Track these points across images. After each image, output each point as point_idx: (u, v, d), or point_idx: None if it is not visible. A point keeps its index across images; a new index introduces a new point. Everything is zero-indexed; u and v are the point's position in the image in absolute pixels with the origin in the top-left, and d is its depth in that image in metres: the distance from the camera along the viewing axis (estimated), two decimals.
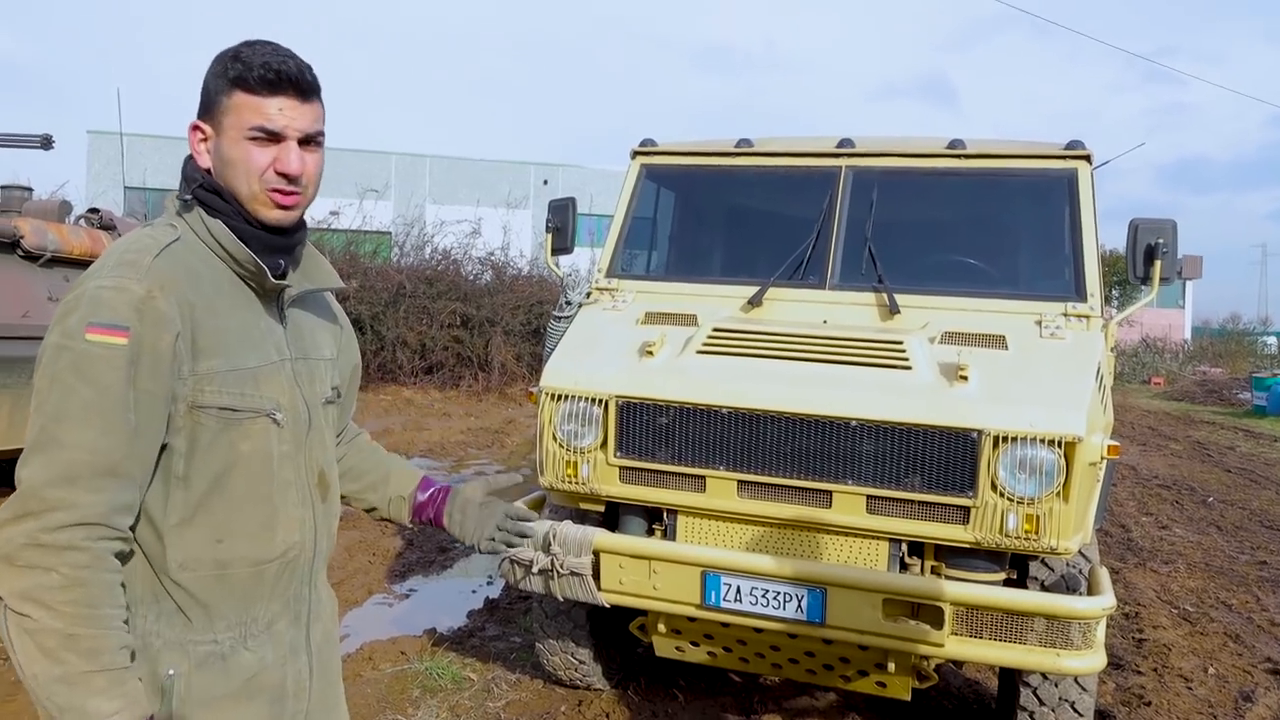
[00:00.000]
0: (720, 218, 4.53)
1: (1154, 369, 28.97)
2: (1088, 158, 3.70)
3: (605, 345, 3.59)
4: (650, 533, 3.52)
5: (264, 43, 1.42)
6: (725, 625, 3.32)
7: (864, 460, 3.10)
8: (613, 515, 3.61)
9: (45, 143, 7.01)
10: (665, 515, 3.46)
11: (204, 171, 1.43)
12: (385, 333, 14.07)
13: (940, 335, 3.36)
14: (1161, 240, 3.52)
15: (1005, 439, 2.95)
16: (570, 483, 3.43)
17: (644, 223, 4.36)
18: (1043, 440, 2.93)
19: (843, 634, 3.06)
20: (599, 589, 3.29)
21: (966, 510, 3.02)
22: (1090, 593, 3.14)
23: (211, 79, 1.41)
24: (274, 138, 1.40)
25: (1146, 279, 3.54)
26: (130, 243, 1.37)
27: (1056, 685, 3.30)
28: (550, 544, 3.29)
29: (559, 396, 3.42)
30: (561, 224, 4.21)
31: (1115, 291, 27.35)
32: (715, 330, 3.42)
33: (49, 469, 1.23)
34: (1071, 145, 3.72)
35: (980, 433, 2.97)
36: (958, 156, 3.79)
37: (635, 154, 4.27)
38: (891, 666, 3.23)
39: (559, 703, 3.97)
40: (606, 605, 3.32)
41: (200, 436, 1.35)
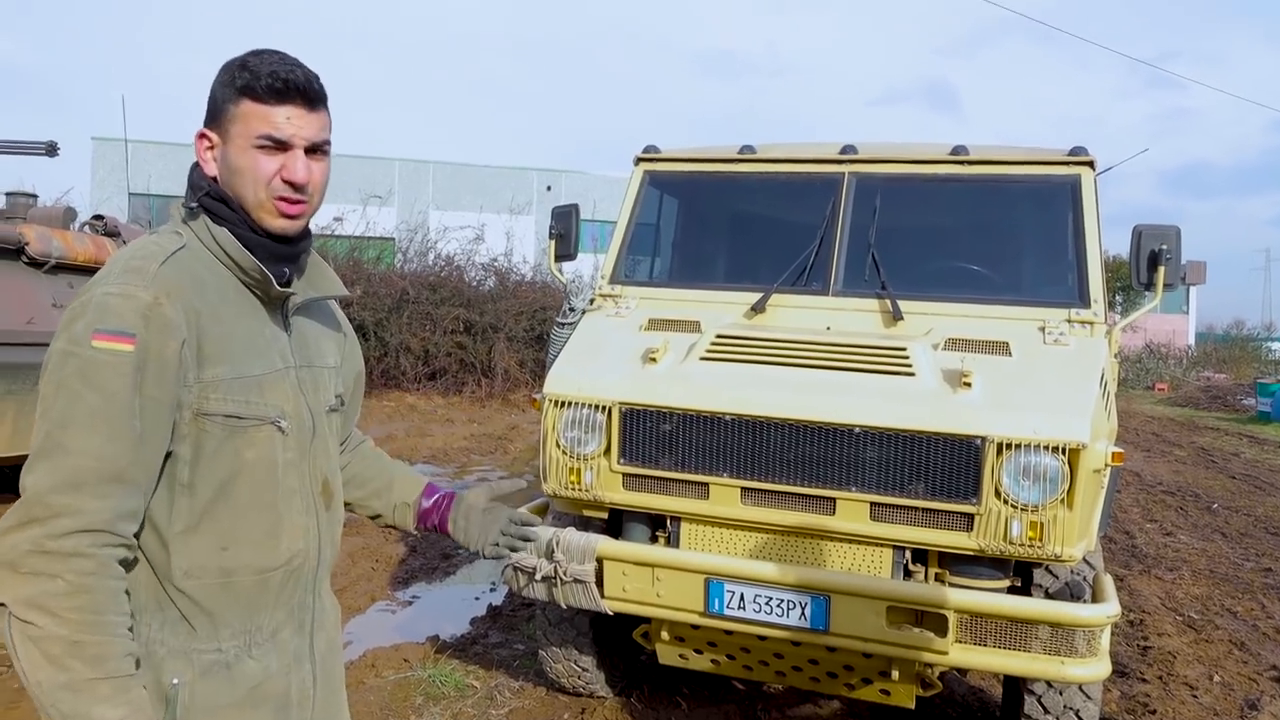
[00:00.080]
0: (723, 224, 4.53)
1: (1158, 375, 28.93)
2: (1091, 164, 3.70)
3: (609, 352, 3.59)
4: (654, 540, 3.52)
5: (271, 52, 1.42)
6: (729, 633, 3.31)
7: (867, 467, 3.09)
8: (616, 522, 3.60)
9: (50, 150, 7.02)
10: (669, 522, 3.46)
11: (210, 180, 1.44)
12: (389, 339, 14.09)
13: (944, 342, 3.36)
14: (1165, 246, 3.52)
15: (1009, 446, 2.94)
16: (573, 489, 3.43)
17: (647, 229, 4.37)
18: (1047, 447, 2.92)
19: (847, 641, 3.05)
20: (602, 596, 3.28)
21: (970, 517, 3.01)
22: (1095, 600, 3.13)
23: (219, 88, 1.41)
24: (281, 146, 1.40)
25: (1150, 285, 3.54)
26: (136, 250, 1.38)
27: (1061, 693, 3.29)
28: (553, 551, 3.29)
29: (562, 403, 3.42)
30: (565, 231, 4.21)
31: (1119, 297, 27.34)
32: (719, 337, 3.42)
33: (54, 475, 1.23)
34: (1075, 151, 3.72)
35: (984, 439, 2.96)
36: (961, 163, 3.79)
37: (639, 160, 4.27)
38: (895, 674, 3.22)
39: (562, 710, 3.96)
40: (610, 612, 3.32)
41: (205, 444, 1.35)
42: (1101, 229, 3.63)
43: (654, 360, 3.42)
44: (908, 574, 3.22)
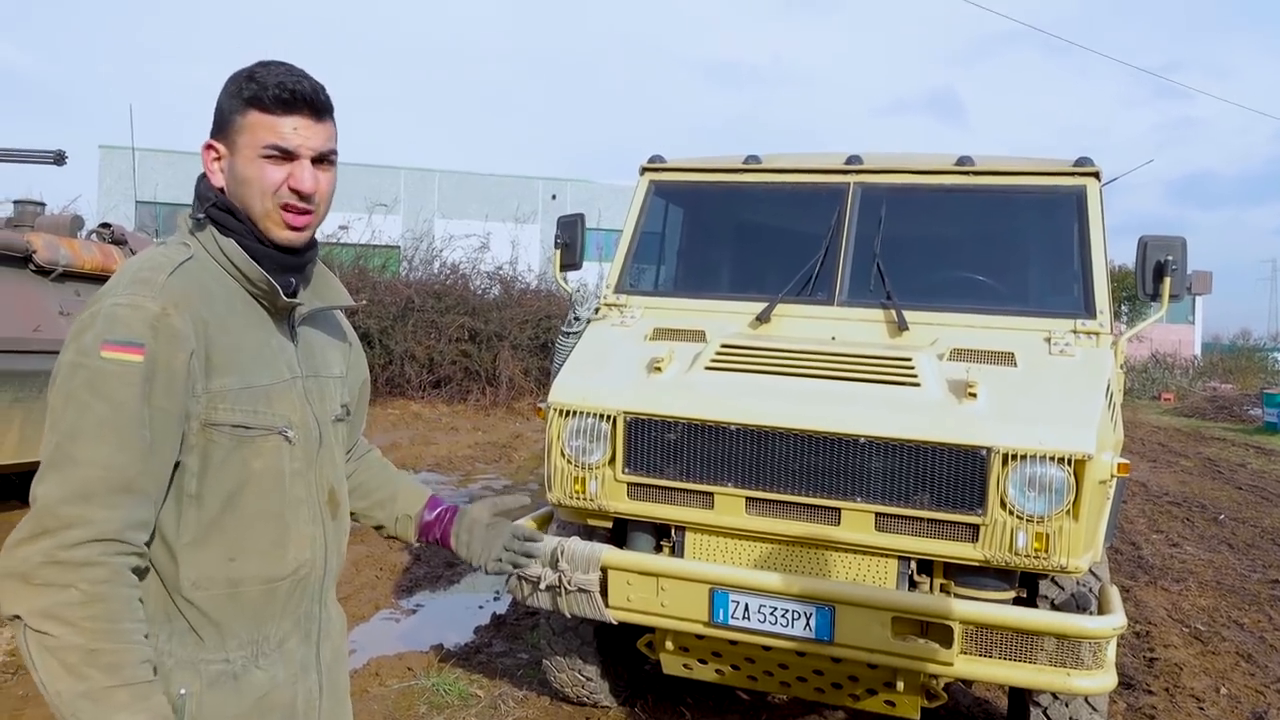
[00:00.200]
0: (728, 234, 4.54)
1: (1164, 385, 28.84)
2: (1096, 174, 3.70)
3: (613, 361, 3.59)
4: (658, 549, 3.52)
5: (278, 63, 1.43)
6: (733, 643, 3.31)
7: (873, 477, 3.09)
8: (620, 532, 3.60)
9: (58, 158, 7.07)
10: (673, 532, 3.45)
11: (218, 190, 1.44)
12: (393, 347, 14.10)
13: (949, 352, 3.36)
14: (1171, 257, 3.52)
15: (1014, 456, 2.94)
16: (578, 499, 3.43)
17: (652, 238, 4.37)
18: (1052, 458, 2.92)
19: (851, 652, 3.05)
20: (606, 606, 3.28)
21: (976, 528, 3.00)
22: (1101, 611, 3.12)
23: (225, 99, 1.42)
24: (288, 156, 1.41)
25: (1156, 296, 3.54)
26: (144, 261, 1.38)
27: (1067, 705, 3.28)
28: (558, 560, 3.29)
29: (567, 412, 3.43)
30: (570, 240, 4.22)
31: (1124, 307, 27.28)
32: (723, 346, 3.42)
33: (64, 486, 1.24)
34: (1080, 162, 3.72)
35: (989, 450, 2.96)
36: (966, 173, 3.79)
37: (644, 170, 4.28)
38: (900, 685, 3.21)
39: None
40: (614, 622, 3.32)
41: (213, 454, 1.36)
42: (1107, 239, 3.63)
43: (659, 370, 3.42)
44: (913, 585, 3.21)
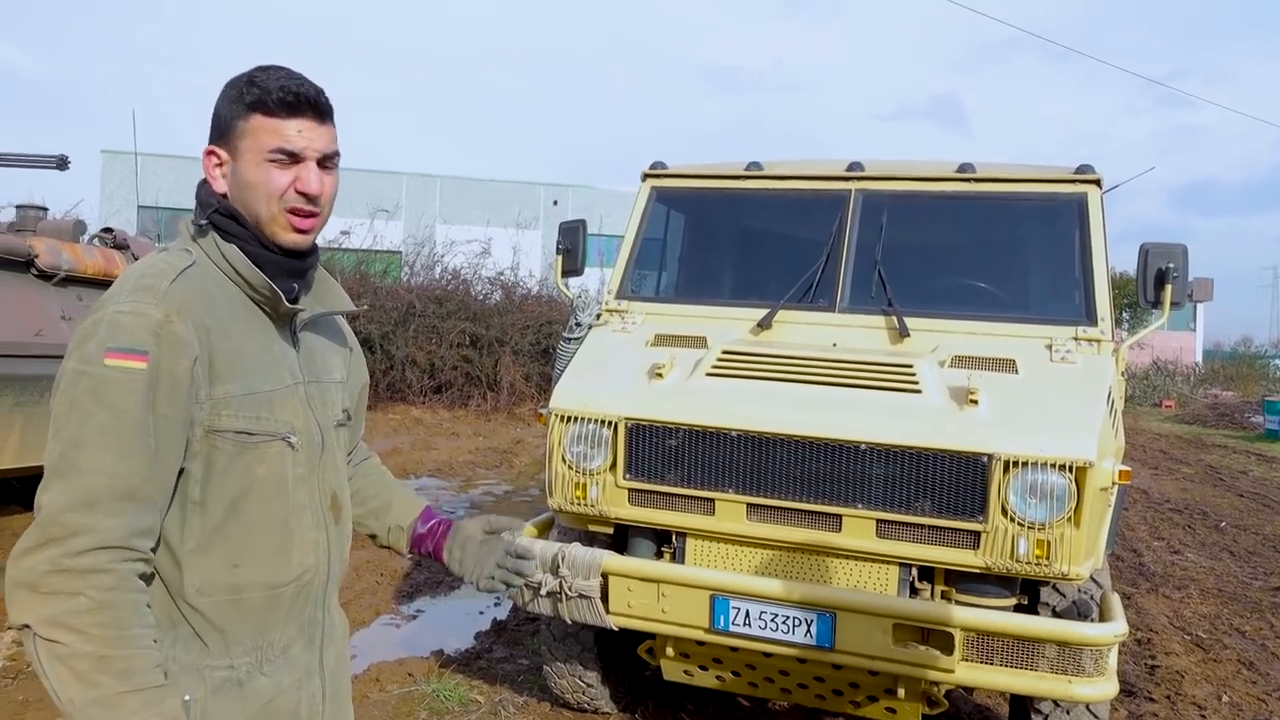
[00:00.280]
0: (730, 240, 4.54)
1: (1165, 392, 28.82)
2: (1098, 182, 3.70)
3: (615, 367, 3.59)
4: (659, 555, 3.51)
5: (277, 68, 1.44)
6: (734, 649, 3.30)
7: (874, 484, 3.09)
8: (621, 538, 3.60)
9: (61, 163, 7.09)
10: (674, 538, 3.45)
11: (220, 196, 1.44)
12: (395, 352, 14.11)
13: (950, 359, 3.36)
14: (1172, 264, 3.52)
15: (1016, 463, 2.94)
16: (579, 504, 3.43)
17: (654, 244, 4.38)
18: (1054, 465, 2.92)
19: (852, 659, 3.04)
20: (607, 611, 3.27)
21: (977, 535, 3.00)
22: (1102, 619, 3.12)
23: (226, 104, 1.42)
24: (294, 159, 1.41)
25: (1157, 303, 3.54)
26: (146, 268, 1.38)
27: (1068, 712, 3.27)
28: (559, 566, 3.29)
29: (568, 418, 3.43)
30: (572, 246, 4.23)
31: (1126, 314, 27.27)
32: (725, 353, 3.42)
33: (68, 494, 1.24)
34: (1081, 169, 3.73)
35: (991, 457, 2.96)
36: (968, 180, 3.80)
37: (646, 176, 4.29)
38: (901, 692, 3.20)
39: None
40: (615, 628, 3.31)
41: (216, 461, 1.36)
42: (1108, 246, 3.63)
43: (660, 376, 3.42)
44: (914, 591, 3.21)
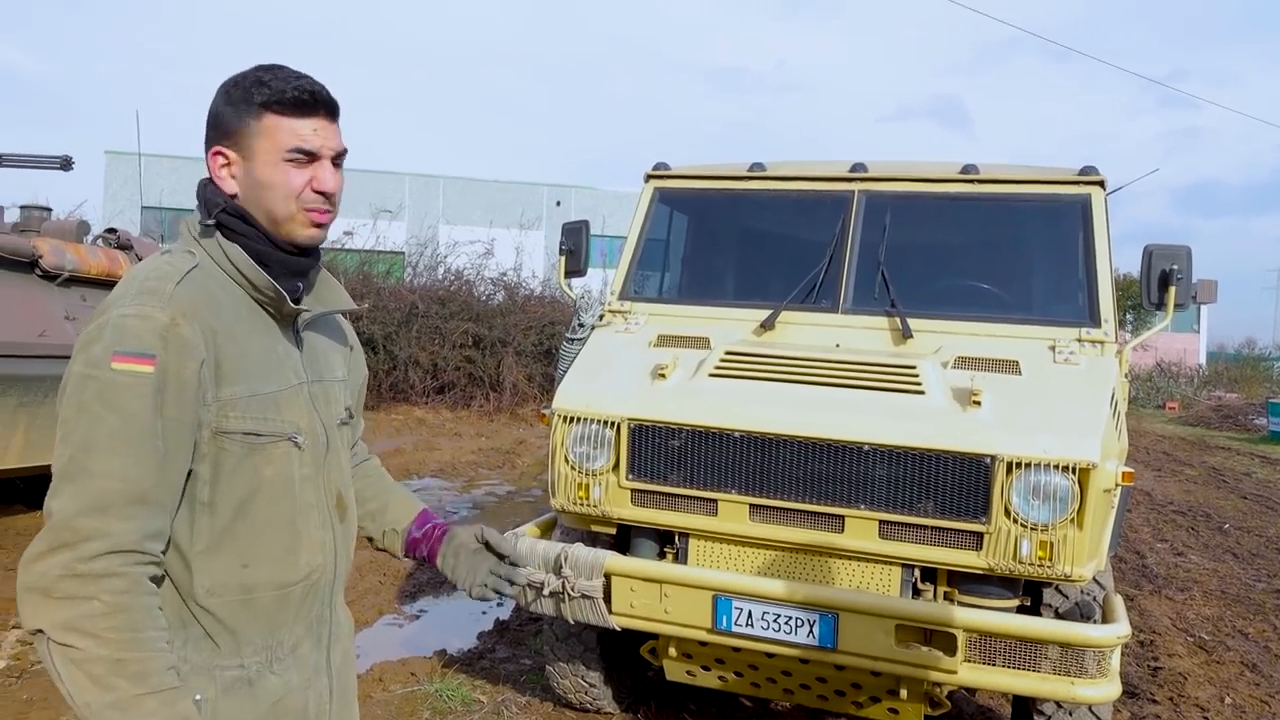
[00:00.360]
0: (733, 241, 4.54)
1: (1168, 394, 28.77)
2: (1101, 183, 3.70)
3: (618, 368, 3.60)
4: (662, 556, 3.52)
5: (280, 67, 1.44)
6: (737, 650, 3.30)
7: (876, 485, 3.09)
8: (624, 538, 3.60)
9: (65, 164, 7.10)
10: (677, 538, 3.46)
11: (229, 196, 1.44)
12: (398, 352, 14.12)
13: (953, 360, 3.36)
14: (1176, 266, 3.52)
15: (1019, 465, 2.94)
16: (582, 505, 3.43)
17: (657, 245, 4.38)
18: (1057, 466, 2.92)
19: (855, 660, 3.04)
20: (610, 612, 3.28)
21: (980, 536, 3.00)
22: (1105, 620, 3.12)
23: (231, 105, 1.41)
24: (310, 158, 1.42)
25: (1161, 305, 3.53)
26: (151, 271, 1.37)
27: (1071, 714, 3.27)
28: (561, 566, 3.29)
29: (571, 418, 3.43)
30: (575, 247, 4.23)
31: (1129, 316, 27.23)
32: (728, 353, 3.43)
33: (80, 499, 1.24)
34: (1085, 171, 3.73)
35: (994, 458, 2.96)
36: (971, 181, 3.79)
37: (649, 177, 4.29)
38: (904, 693, 3.20)
39: None
40: (617, 628, 3.32)
41: (224, 462, 1.36)
42: (1112, 248, 3.63)
43: (663, 376, 3.43)
44: (916, 592, 3.21)
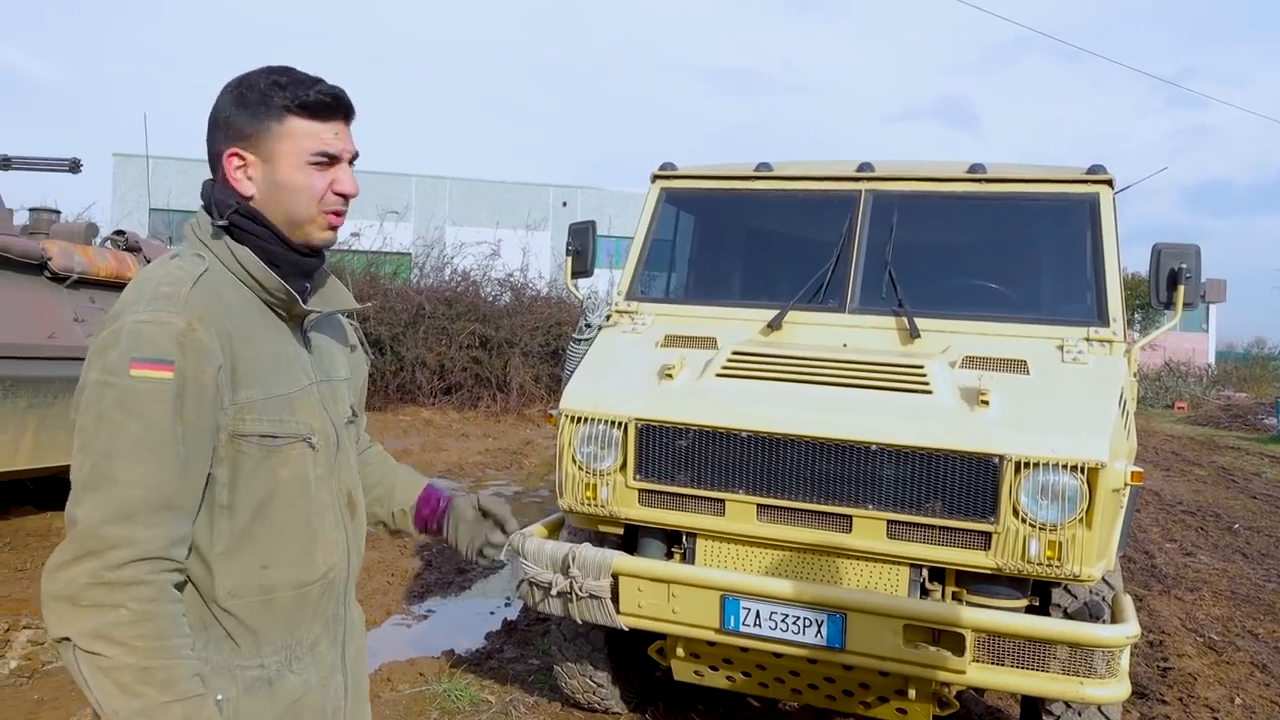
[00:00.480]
0: (740, 241, 4.54)
1: (1177, 393, 28.67)
2: (1109, 182, 3.69)
3: (625, 368, 3.60)
4: (669, 556, 3.52)
5: (292, 70, 1.45)
6: (744, 650, 3.30)
7: (884, 485, 3.08)
8: (632, 538, 3.60)
9: (74, 166, 7.14)
10: (684, 538, 3.45)
11: (243, 198, 1.43)
12: (404, 353, 14.13)
13: (961, 359, 3.35)
14: (1185, 265, 3.50)
15: (1027, 464, 2.93)
16: (589, 505, 3.43)
17: (663, 245, 4.38)
18: (1065, 466, 2.91)
19: (863, 660, 3.04)
20: (617, 612, 3.28)
21: (988, 536, 3.00)
22: (1114, 620, 3.11)
23: (248, 107, 1.41)
24: (332, 161, 1.44)
25: (1170, 304, 3.52)
26: (163, 275, 1.36)
27: (1080, 714, 3.26)
28: (569, 566, 3.29)
29: (578, 419, 3.43)
30: (581, 247, 4.23)
31: (1137, 315, 27.15)
32: (735, 353, 3.43)
33: (105, 507, 1.24)
34: (1093, 170, 3.72)
35: (1002, 458, 2.95)
36: (978, 180, 3.79)
37: (655, 177, 4.29)
38: (912, 693, 3.20)
39: None
40: (625, 628, 3.32)
41: (243, 465, 1.37)
42: (1120, 247, 3.62)
43: (670, 377, 3.43)
44: (925, 592, 3.20)
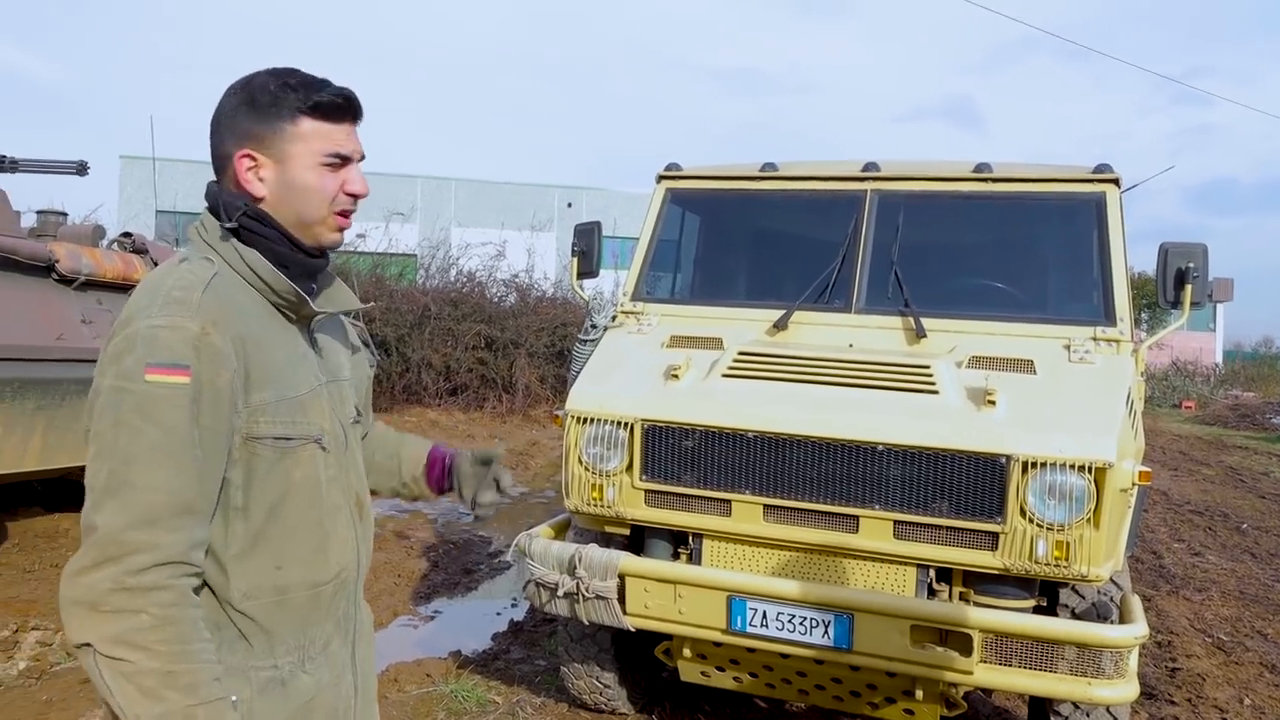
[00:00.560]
0: (745, 241, 4.54)
1: (1185, 393, 28.56)
2: (1116, 181, 3.68)
3: (630, 368, 3.60)
4: (676, 556, 3.52)
5: (297, 71, 1.46)
6: (751, 650, 3.30)
7: (891, 485, 3.08)
8: (638, 539, 3.60)
9: (81, 169, 7.16)
10: (691, 539, 3.45)
11: (254, 199, 1.43)
12: (410, 354, 14.14)
13: (967, 359, 3.35)
14: (1192, 264, 3.49)
15: (1034, 464, 2.93)
16: (596, 506, 3.43)
17: (669, 246, 4.38)
18: (1073, 466, 2.90)
19: (870, 660, 3.04)
20: (624, 612, 3.28)
21: (995, 536, 2.99)
22: (1122, 621, 3.10)
23: (259, 109, 1.41)
24: (344, 161, 1.46)
25: (1177, 303, 3.51)
26: (174, 280, 1.36)
27: (1088, 715, 3.25)
28: (576, 567, 3.29)
29: (585, 420, 3.43)
30: (587, 248, 4.23)
31: (1144, 314, 27.08)
32: (741, 354, 3.42)
33: (126, 513, 1.24)
34: (1099, 169, 3.71)
35: (1009, 458, 2.95)
36: (984, 180, 3.78)
37: (660, 178, 4.29)
38: (919, 694, 3.19)
39: None
40: (631, 629, 3.32)
41: (257, 467, 1.37)
42: (1127, 246, 3.61)
43: (676, 377, 3.43)
44: (932, 593, 3.20)
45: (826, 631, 3.05)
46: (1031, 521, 2.94)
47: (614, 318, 3.99)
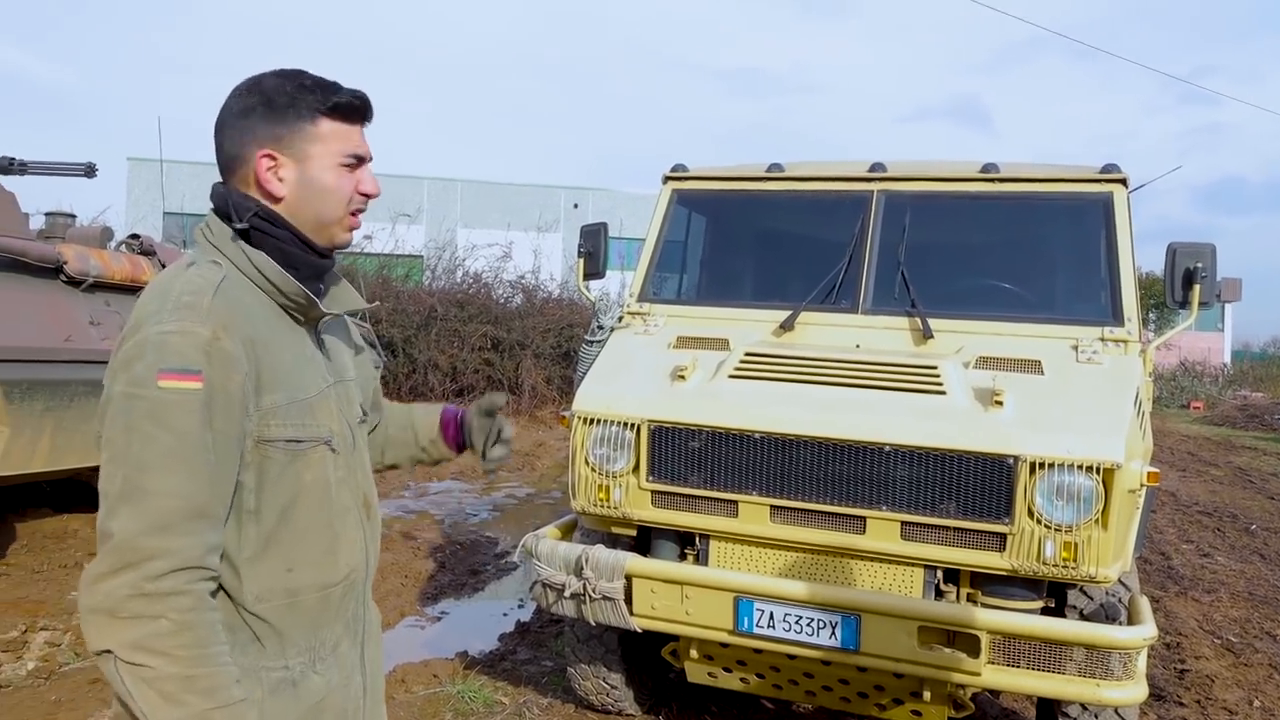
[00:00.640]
0: (751, 242, 4.54)
1: (1193, 393, 28.45)
2: (1123, 181, 3.67)
3: (637, 369, 3.60)
4: (682, 557, 3.51)
5: (304, 72, 1.46)
6: (758, 651, 3.30)
7: (898, 486, 3.07)
8: (645, 540, 3.60)
9: (89, 171, 7.19)
10: (697, 540, 3.45)
11: (273, 200, 1.44)
12: (417, 355, 14.17)
13: (975, 360, 3.34)
14: (1200, 264, 3.48)
15: (1042, 465, 2.92)
16: (602, 507, 3.43)
17: (675, 247, 4.38)
18: (1080, 467, 2.89)
19: (877, 662, 3.03)
20: (631, 613, 3.28)
21: (1003, 537, 2.98)
22: (1130, 622, 3.09)
23: (276, 110, 1.41)
24: (360, 162, 1.48)
25: (1185, 303, 3.50)
26: (184, 284, 1.35)
27: (1096, 716, 3.24)
28: (582, 568, 3.29)
29: (591, 420, 3.44)
30: (593, 249, 4.24)
31: (1152, 315, 26.98)
32: (747, 355, 3.42)
33: (141, 518, 1.24)
34: (1107, 169, 3.70)
35: (1016, 459, 2.94)
36: (991, 180, 3.77)
37: (667, 179, 4.29)
38: (927, 695, 3.19)
39: None
40: (638, 630, 3.32)
41: (269, 470, 1.37)
42: (1135, 246, 3.60)
43: (682, 378, 3.43)
44: (939, 594, 3.19)
45: (834, 632, 3.04)
46: (1039, 522, 2.93)
47: (620, 319, 4.00)
